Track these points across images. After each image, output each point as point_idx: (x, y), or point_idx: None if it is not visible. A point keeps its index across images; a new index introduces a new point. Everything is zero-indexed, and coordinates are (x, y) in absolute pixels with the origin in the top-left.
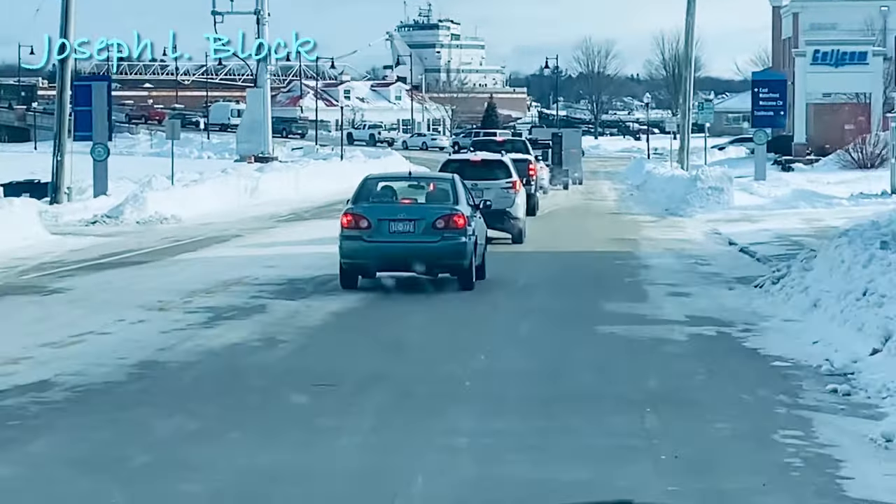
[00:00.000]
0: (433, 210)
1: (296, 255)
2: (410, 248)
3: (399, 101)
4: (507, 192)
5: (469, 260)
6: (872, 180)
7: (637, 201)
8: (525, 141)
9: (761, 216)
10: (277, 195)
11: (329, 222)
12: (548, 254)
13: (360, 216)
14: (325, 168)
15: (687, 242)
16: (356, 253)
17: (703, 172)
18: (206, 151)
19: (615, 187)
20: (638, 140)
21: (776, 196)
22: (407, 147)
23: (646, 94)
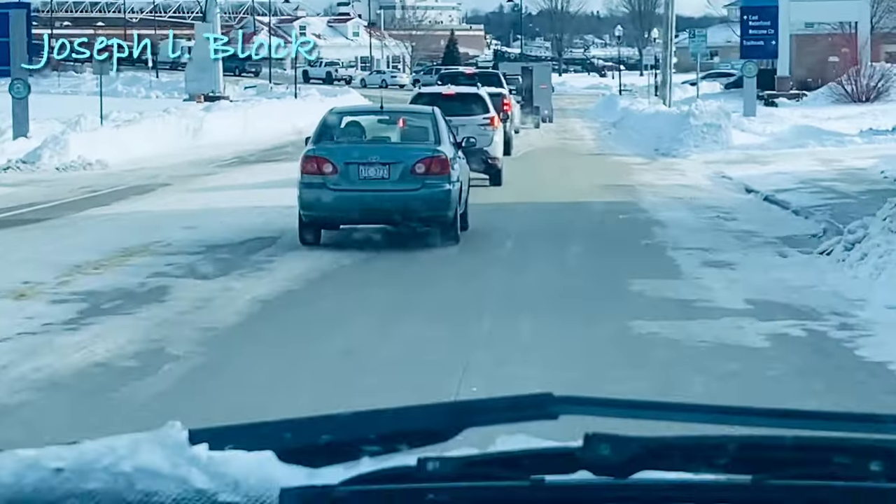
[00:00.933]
0: (412, 151)
1: (228, 210)
2: (385, 197)
3: (357, 38)
4: (484, 130)
5: (454, 210)
6: (878, 115)
7: (618, 140)
8: (499, 74)
9: (768, 156)
10: (223, 136)
11: (276, 167)
12: (535, 206)
13: (324, 159)
14: (278, 107)
15: (694, 189)
16: (319, 203)
17: (696, 107)
18: (154, 91)
19: (589, 125)
20: (603, 77)
21: (774, 133)
22: (365, 85)
23: (617, 26)
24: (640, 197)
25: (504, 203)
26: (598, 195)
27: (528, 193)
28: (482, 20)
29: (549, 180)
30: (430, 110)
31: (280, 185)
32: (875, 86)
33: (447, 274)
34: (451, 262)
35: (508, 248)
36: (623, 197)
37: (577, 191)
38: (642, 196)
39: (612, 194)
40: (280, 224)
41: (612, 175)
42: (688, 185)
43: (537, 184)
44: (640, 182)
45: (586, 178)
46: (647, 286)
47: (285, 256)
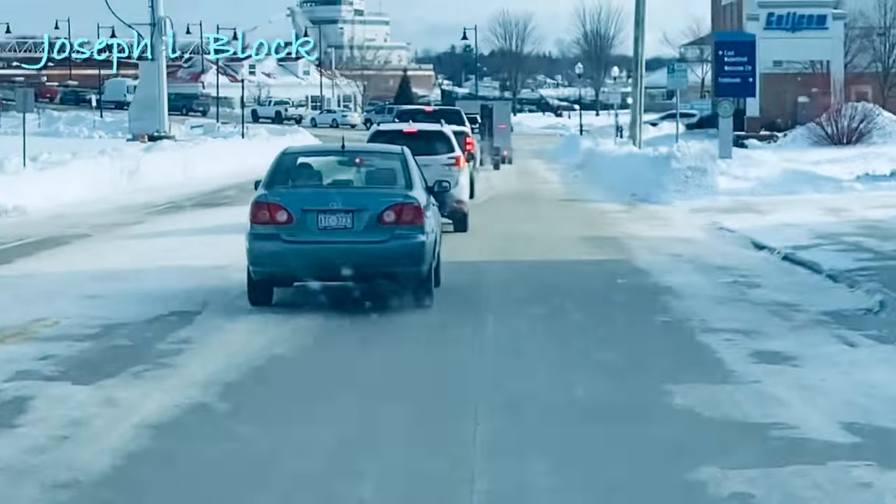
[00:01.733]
0: (379, 197)
1: (146, 270)
2: (348, 250)
3: (308, 77)
4: (449, 170)
5: (428, 265)
6: (869, 158)
7: (588, 184)
8: (460, 111)
9: (763, 204)
10: (162, 179)
11: (214, 213)
12: (512, 265)
13: (277, 206)
14: (223, 147)
15: (692, 244)
16: (271, 257)
17: (678, 149)
18: (97, 130)
19: (552, 167)
20: (560, 116)
21: (760, 178)
22: (316, 125)
23: (578, 64)
24: (632, 253)
25: (475, 261)
26: (583, 250)
27: (502, 248)
28: (434, 60)
29: (522, 231)
30: (398, 150)
31: (215, 232)
32: (857, 128)
33: (418, 372)
34: (423, 351)
35: (491, 330)
36: (612, 253)
37: (557, 244)
38: (634, 252)
39: (599, 249)
40: (206, 289)
41: (591, 225)
42: (683, 239)
43: (509, 235)
44: (625, 233)
45: (563, 227)
46: (692, 397)
47: (205, 342)
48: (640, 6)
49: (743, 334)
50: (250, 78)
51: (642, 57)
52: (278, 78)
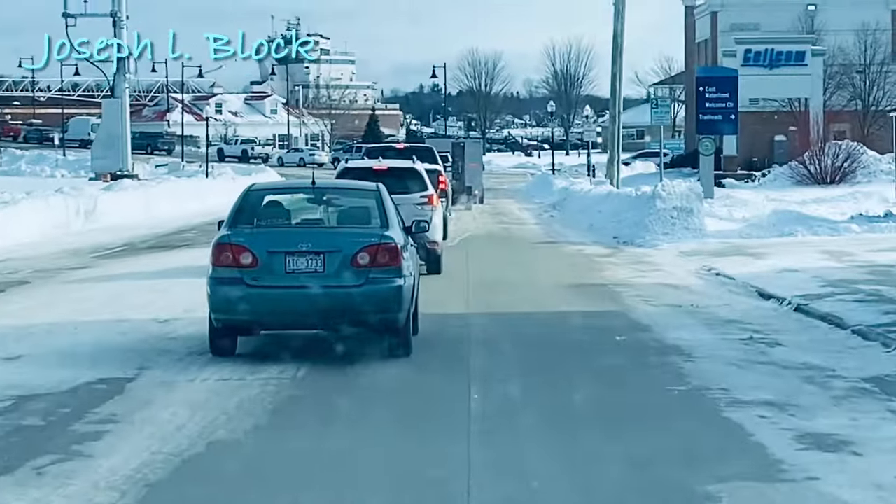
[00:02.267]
0: (353, 238)
1: (82, 324)
2: (319, 295)
3: (275, 116)
4: (421, 209)
5: (406, 312)
6: (859, 198)
7: (566, 225)
8: (432, 149)
9: (756, 247)
10: (121, 219)
11: (170, 256)
12: (495, 319)
13: (241, 248)
14: (186, 187)
15: (690, 293)
16: (235, 304)
17: (663, 189)
18: (60, 169)
19: (525, 207)
20: (530, 156)
21: (747, 219)
22: (283, 164)
23: (550, 102)
24: (626, 303)
25: (456, 314)
26: (571, 300)
27: (483, 298)
28: (401, 100)
29: (502, 277)
30: (373, 186)
31: (170, 276)
32: (841, 166)
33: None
34: (398, 439)
35: (478, 407)
36: (604, 303)
37: (541, 293)
38: (628, 302)
39: (588, 299)
40: (147, 348)
41: (576, 270)
42: (678, 287)
43: (489, 282)
44: (614, 280)
45: (546, 273)
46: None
47: (133, 420)
48: (618, 40)
49: (778, 408)
50: (217, 116)
51: (620, 93)
52: (245, 116)
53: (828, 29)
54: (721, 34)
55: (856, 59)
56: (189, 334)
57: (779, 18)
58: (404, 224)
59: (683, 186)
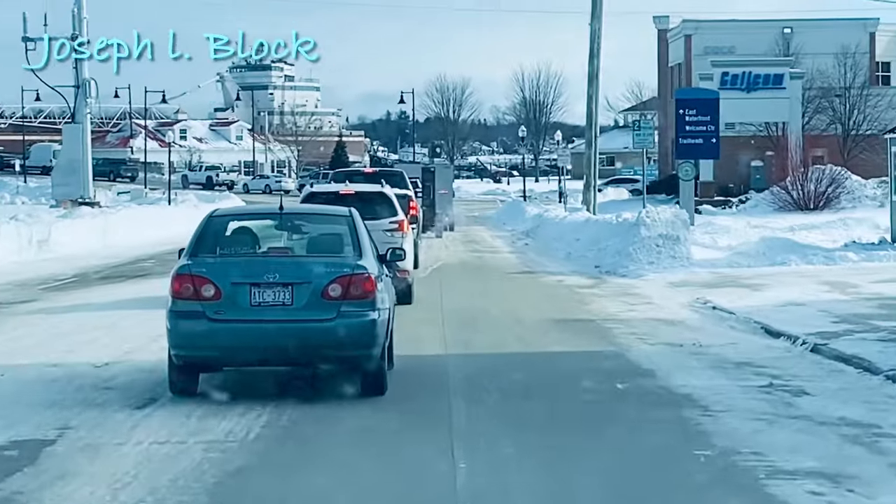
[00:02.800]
0: (324, 267)
1: (10, 367)
2: (287, 330)
3: (241, 142)
4: (391, 236)
5: (381, 347)
6: (850, 224)
7: (542, 254)
8: (402, 173)
9: (750, 277)
10: (77, 248)
11: (124, 288)
12: (474, 361)
13: (203, 279)
14: (147, 214)
15: (688, 329)
16: (196, 339)
17: (647, 215)
18: (20, 196)
19: (497, 234)
20: (498, 182)
21: (733, 247)
22: (248, 190)
23: (521, 126)
24: (620, 342)
25: (429, 356)
26: (559, 338)
27: (459, 336)
28: (368, 127)
29: (480, 311)
30: (346, 212)
31: (121, 308)
32: (825, 192)
33: None
34: None
35: (466, 482)
36: (596, 342)
37: (525, 330)
38: (621, 340)
39: (577, 337)
40: (76, 400)
41: (558, 303)
42: (673, 322)
43: (467, 317)
44: (602, 315)
45: (527, 307)
46: None
47: (42, 501)
48: (594, 62)
49: (829, 481)
50: (181, 143)
51: (596, 115)
52: (210, 143)
53: (805, 52)
54: (695, 57)
55: (835, 82)
56: (128, 382)
57: (754, 41)
58: (378, 252)
59: (668, 213)
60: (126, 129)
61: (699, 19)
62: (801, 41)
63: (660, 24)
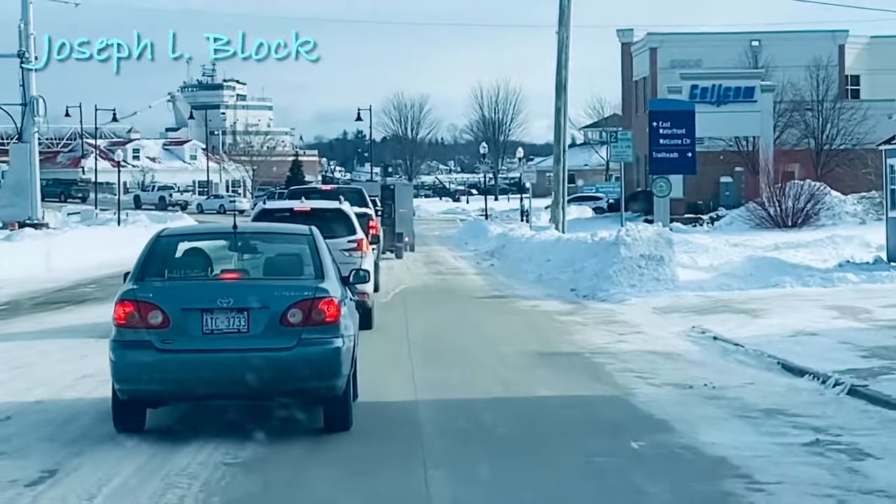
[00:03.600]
0: (282, 291)
1: None
2: (243, 360)
3: (195, 161)
4: (349, 255)
5: (345, 378)
6: (839, 243)
7: (510, 275)
8: (362, 190)
9: (746, 302)
10: (15, 272)
11: (58, 316)
12: (454, 409)
13: (150, 305)
14: (94, 235)
15: (692, 364)
16: (142, 371)
17: (627, 234)
18: None
19: (460, 255)
20: (458, 201)
21: (717, 267)
22: (202, 210)
23: (482, 143)
24: (618, 382)
25: (397, 402)
26: (547, 378)
27: (431, 375)
28: (325, 147)
29: (450, 343)
30: (306, 230)
31: (46, 339)
32: (804, 208)
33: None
34: None
35: None
36: (589, 382)
37: (505, 367)
38: (620, 380)
39: (568, 376)
40: None
41: (538, 333)
42: (672, 356)
43: (435, 350)
44: (589, 347)
45: (503, 337)
46: None
47: None
48: (562, 73)
49: None
50: (134, 163)
51: (565, 129)
52: (164, 162)
53: (775, 65)
54: (661, 71)
55: (808, 95)
56: (27, 444)
57: (721, 54)
58: (341, 273)
59: (651, 231)
60: (77, 148)
61: (665, 32)
62: (769, 54)
63: (623, 37)
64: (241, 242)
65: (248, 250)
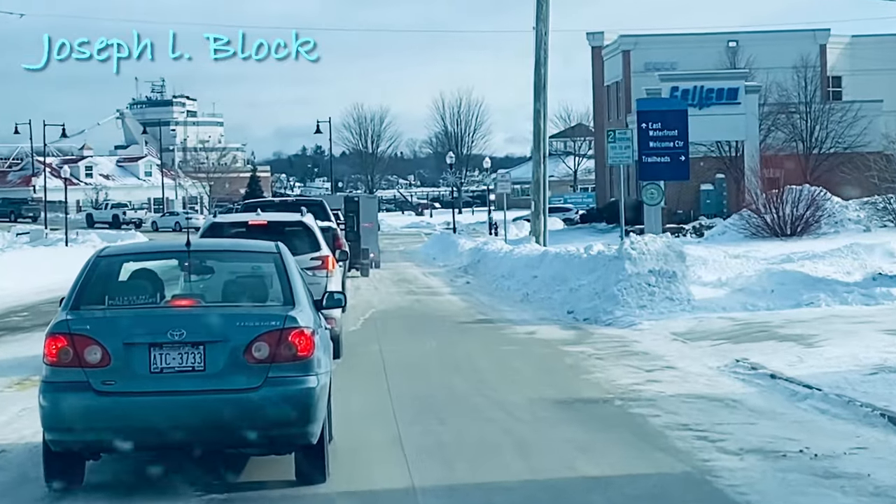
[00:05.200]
0: (245, 321)
1: None
2: (198, 404)
3: (150, 178)
4: (314, 275)
5: (320, 423)
6: (860, 253)
7: (491, 295)
8: (323, 203)
9: (782, 325)
10: None
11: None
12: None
13: (86, 339)
14: (40, 256)
15: (753, 413)
16: (79, 418)
17: (633, 247)
18: None
19: (431, 271)
20: (420, 215)
21: (725, 282)
22: (157, 228)
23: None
24: (679, 449)
25: (386, 491)
26: (579, 443)
27: (420, 440)
28: (284, 163)
29: (439, 389)
30: (272, 247)
31: None
32: (803, 215)
33: None
34: None
35: None
36: (639, 449)
37: (518, 425)
38: (679, 445)
39: (606, 440)
40: None
41: (546, 371)
42: (725, 401)
43: (421, 400)
44: (616, 389)
45: (505, 378)
46: None
47: None
48: (541, 71)
49: None
50: (87, 180)
51: (545, 132)
52: (118, 179)
53: (756, 66)
54: (635, 74)
55: (794, 96)
56: None
57: (697, 56)
58: (313, 297)
59: (659, 243)
60: (28, 167)
61: (638, 34)
62: (747, 55)
63: (594, 40)
64: (195, 262)
65: (204, 271)
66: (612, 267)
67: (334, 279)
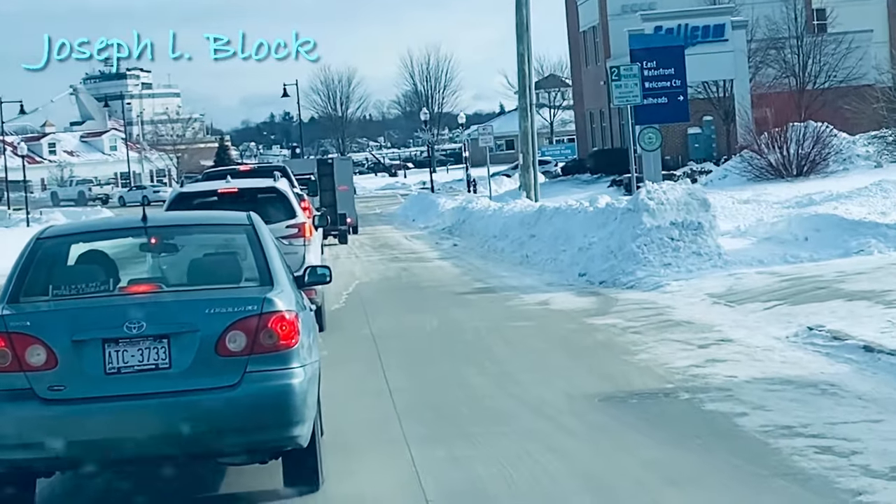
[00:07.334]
0: (216, 307)
1: None
2: (163, 408)
3: (115, 152)
4: (290, 244)
5: (309, 423)
6: (890, 190)
7: (484, 257)
8: (285, 168)
9: (841, 280)
10: None
11: None
12: None
13: (28, 337)
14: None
15: (875, 406)
16: (24, 432)
17: (650, 196)
18: None
19: (413, 234)
20: (394, 176)
21: (748, 230)
22: (125, 204)
23: (423, 109)
24: (810, 472)
25: None
26: (662, 468)
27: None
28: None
29: (451, 384)
30: (244, 218)
31: None
32: (808, 154)
33: None
34: None
35: None
36: (753, 475)
37: (570, 441)
38: (807, 467)
39: (698, 461)
40: None
41: (579, 353)
42: (820, 387)
43: (433, 408)
44: (676, 378)
45: (533, 368)
46: None
47: None
48: (522, 11)
49: None
50: (51, 157)
51: (530, 77)
52: (83, 155)
53: (740, 1)
54: (612, 17)
55: (784, 30)
56: None
57: None
58: (293, 273)
59: (679, 191)
60: None
61: None
62: None
63: None
64: (154, 239)
65: (165, 249)
66: (627, 221)
67: (313, 247)
